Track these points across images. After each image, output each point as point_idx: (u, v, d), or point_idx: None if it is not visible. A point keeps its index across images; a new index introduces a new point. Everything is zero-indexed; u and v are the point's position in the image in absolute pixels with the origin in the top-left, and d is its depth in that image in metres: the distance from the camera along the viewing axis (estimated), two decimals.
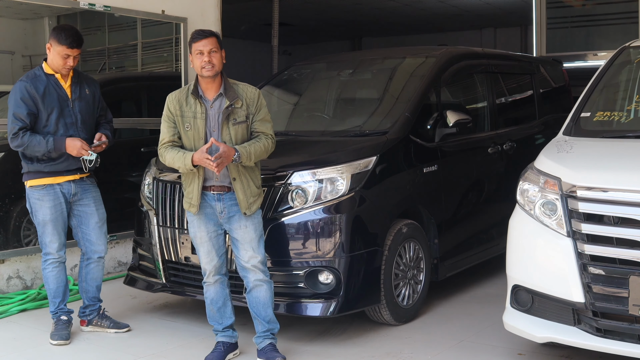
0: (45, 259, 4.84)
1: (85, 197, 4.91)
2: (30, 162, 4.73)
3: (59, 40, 4.65)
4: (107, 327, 5.03)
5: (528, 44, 14.84)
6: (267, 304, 4.31)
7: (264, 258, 4.28)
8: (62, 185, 4.78)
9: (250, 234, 4.22)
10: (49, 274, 4.85)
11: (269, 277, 4.31)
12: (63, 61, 4.68)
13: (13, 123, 4.60)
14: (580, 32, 10.04)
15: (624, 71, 4.88)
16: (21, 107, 4.60)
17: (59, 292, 4.87)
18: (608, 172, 3.82)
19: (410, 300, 5.07)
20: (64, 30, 4.70)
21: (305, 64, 6.76)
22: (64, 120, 4.72)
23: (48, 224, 4.77)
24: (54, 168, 4.73)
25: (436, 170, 5.33)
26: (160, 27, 7.18)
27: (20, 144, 4.60)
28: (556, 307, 3.82)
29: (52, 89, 4.70)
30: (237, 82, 4.25)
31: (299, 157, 4.87)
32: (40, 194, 4.74)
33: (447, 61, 5.85)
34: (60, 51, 4.65)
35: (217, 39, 4.18)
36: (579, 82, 6.30)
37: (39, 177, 4.73)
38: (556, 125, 5.06)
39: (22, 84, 4.65)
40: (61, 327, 4.82)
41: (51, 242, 4.80)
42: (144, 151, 6.93)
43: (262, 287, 4.29)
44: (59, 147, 4.65)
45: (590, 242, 3.68)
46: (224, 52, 4.21)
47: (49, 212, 4.75)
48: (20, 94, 4.61)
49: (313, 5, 13.06)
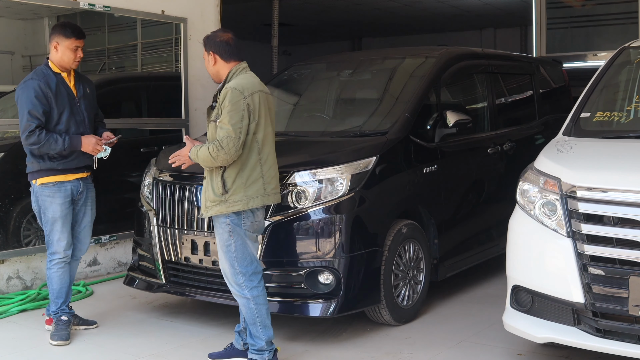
0: (52, 258, 4.83)
1: (87, 197, 4.96)
2: (42, 160, 4.74)
3: (66, 34, 4.74)
4: (77, 324, 5.03)
5: (528, 44, 14.83)
6: (249, 319, 4.13)
7: (231, 272, 4.09)
8: (72, 183, 4.82)
9: (217, 241, 4.15)
10: (54, 274, 4.84)
11: (245, 293, 4.08)
12: (74, 54, 4.77)
13: (29, 121, 4.59)
14: (580, 32, 10.03)
15: (623, 71, 4.88)
16: (37, 106, 4.62)
17: (62, 292, 4.87)
18: (608, 173, 3.82)
19: (410, 301, 5.07)
20: (67, 25, 4.81)
21: (305, 64, 6.76)
22: (74, 119, 4.79)
23: (58, 221, 4.78)
24: (67, 165, 4.77)
25: (436, 170, 5.33)
26: (160, 27, 7.18)
27: (37, 141, 4.61)
28: (556, 308, 3.82)
29: (62, 88, 4.76)
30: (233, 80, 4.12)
31: (299, 157, 4.87)
32: (51, 190, 4.76)
33: (447, 61, 5.85)
34: (69, 45, 4.74)
35: (204, 45, 4.21)
36: (579, 82, 6.30)
37: (51, 175, 4.75)
38: (556, 125, 5.06)
39: (34, 82, 4.66)
40: (61, 328, 4.82)
41: (60, 240, 4.80)
42: (143, 151, 6.94)
43: (239, 300, 4.16)
44: (75, 145, 4.72)
45: (590, 242, 3.68)
46: (210, 54, 4.17)
47: (59, 209, 4.77)
48: (35, 92, 4.63)
49: (313, 6, 13.05)
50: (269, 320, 4.16)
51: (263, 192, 4.06)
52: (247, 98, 3.98)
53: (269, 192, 4.10)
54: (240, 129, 3.93)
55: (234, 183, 4.01)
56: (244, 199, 4.01)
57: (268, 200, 4.11)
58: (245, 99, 3.97)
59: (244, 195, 4.01)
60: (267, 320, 4.14)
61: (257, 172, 4.05)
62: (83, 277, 6.42)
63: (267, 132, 4.10)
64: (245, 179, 4.02)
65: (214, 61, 4.17)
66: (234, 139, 3.91)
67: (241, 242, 4.07)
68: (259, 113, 4.03)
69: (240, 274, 4.08)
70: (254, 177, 4.03)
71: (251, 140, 4.02)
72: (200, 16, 7.38)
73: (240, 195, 4.01)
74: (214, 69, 4.18)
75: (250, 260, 4.10)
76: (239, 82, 4.05)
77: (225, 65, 4.15)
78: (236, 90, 3.97)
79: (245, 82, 4.07)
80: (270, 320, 4.17)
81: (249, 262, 4.09)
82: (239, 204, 4.01)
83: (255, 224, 4.12)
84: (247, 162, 4.02)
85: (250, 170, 4.03)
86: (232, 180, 4.01)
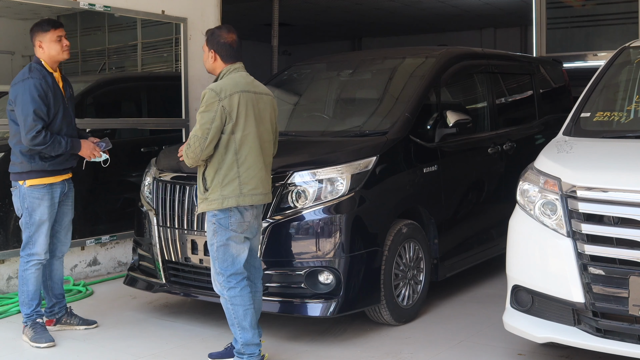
0: (29, 259, 4.73)
1: (69, 197, 4.93)
2: (33, 161, 4.65)
3: (44, 29, 4.69)
4: (76, 324, 5.02)
5: (528, 44, 14.84)
6: (228, 319, 4.12)
7: (213, 270, 4.11)
8: (60, 184, 4.79)
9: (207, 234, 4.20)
10: (31, 275, 4.74)
11: (223, 293, 4.09)
12: (59, 44, 4.70)
13: (35, 121, 4.49)
14: (580, 32, 10.03)
15: (623, 71, 4.88)
16: (41, 105, 4.54)
17: (37, 294, 4.79)
18: (608, 172, 3.82)
19: (410, 301, 5.07)
20: (42, 21, 4.77)
21: (305, 64, 6.76)
22: (66, 120, 4.74)
23: (45, 224, 4.73)
24: (56, 167, 4.72)
25: (436, 170, 5.33)
26: (160, 27, 7.18)
27: (42, 142, 4.52)
28: (556, 308, 3.82)
29: (56, 88, 4.71)
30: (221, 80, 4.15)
31: (299, 157, 4.87)
32: (40, 193, 4.70)
33: (447, 61, 5.85)
34: (51, 37, 4.67)
35: (206, 40, 4.25)
36: (579, 82, 6.30)
37: (41, 177, 4.68)
38: (556, 125, 5.06)
39: (35, 81, 4.57)
40: (41, 330, 4.76)
41: (43, 242, 4.74)
42: (144, 151, 6.94)
43: (220, 298, 4.16)
44: (75, 148, 4.69)
45: (590, 242, 3.68)
46: (211, 51, 4.20)
47: (47, 211, 4.73)
48: (37, 91, 4.54)
49: (313, 5, 13.06)
50: (248, 323, 4.06)
51: (239, 193, 4.02)
52: (223, 100, 3.97)
53: (245, 193, 4.03)
54: (207, 130, 3.95)
55: (212, 182, 4.05)
56: (219, 198, 4.02)
57: (244, 201, 4.03)
58: (221, 101, 3.97)
59: (219, 194, 4.02)
60: (244, 322, 4.06)
61: (234, 172, 4.02)
62: (83, 277, 6.43)
63: (248, 133, 4.05)
64: (222, 178, 4.02)
65: (214, 59, 4.19)
66: (200, 138, 3.95)
67: (223, 243, 4.05)
68: (237, 113, 4.01)
69: (219, 274, 4.09)
70: (230, 177, 4.02)
71: (227, 140, 4.01)
72: (200, 16, 7.38)
73: (216, 194, 4.03)
74: (212, 65, 4.22)
75: (231, 262, 4.06)
76: (221, 82, 4.08)
77: (222, 65, 4.19)
78: (212, 92, 4.00)
79: (228, 82, 4.07)
80: (250, 323, 4.07)
81: (229, 264, 4.06)
82: (215, 203, 4.03)
83: (244, 224, 4.07)
84: (224, 162, 4.03)
85: (227, 170, 4.02)
86: (211, 179, 4.05)
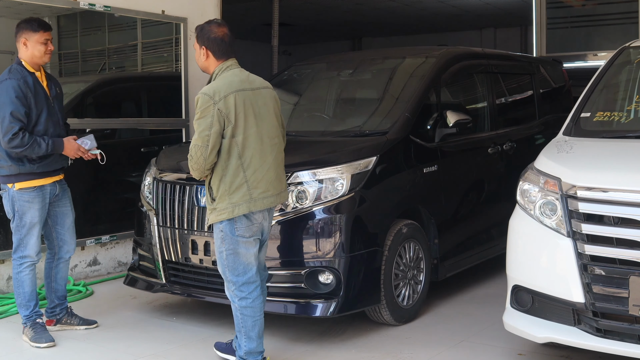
0: (22, 262, 4.72)
1: (63, 197, 4.90)
2: (21, 164, 4.59)
3: (34, 28, 4.65)
4: (77, 324, 5.02)
5: (528, 44, 14.84)
6: (235, 325, 4.06)
7: (224, 278, 4.02)
8: (50, 186, 4.75)
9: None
10: (25, 277, 4.73)
11: (234, 301, 4.01)
12: (44, 47, 4.67)
13: (12, 122, 4.44)
14: (580, 32, 10.03)
15: (624, 71, 4.88)
16: (19, 106, 4.47)
17: (33, 295, 4.79)
18: (608, 173, 3.82)
19: (410, 301, 5.07)
20: (33, 20, 4.72)
21: (305, 64, 6.76)
22: (51, 119, 4.68)
23: (36, 226, 4.70)
24: (45, 168, 4.67)
25: (436, 170, 5.33)
26: (160, 27, 7.19)
27: (20, 144, 4.45)
28: (556, 308, 3.82)
29: (38, 87, 4.64)
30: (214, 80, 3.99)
31: (299, 157, 4.87)
32: (30, 196, 4.65)
33: (447, 61, 5.85)
34: (38, 39, 4.65)
35: (196, 37, 4.06)
36: (579, 82, 6.31)
37: (30, 179, 4.64)
38: (556, 125, 5.06)
39: (13, 82, 4.51)
40: (41, 330, 4.76)
41: (35, 244, 4.72)
42: (144, 151, 6.93)
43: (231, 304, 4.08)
44: (57, 148, 4.63)
45: (590, 242, 3.68)
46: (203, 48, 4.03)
47: (37, 214, 4.69)
48: (15, 93, 4.48)
49: (313, 5, 13.06)
50: (255, 334, 4.00)
51: (249, 198, 3.86)
52: (217, 103, 3.79)
53: (255, 198, 3.87)
54: (207, 137, 3.77)
55: (218, 191, 3.88)
56: (229, 207, 3.85)
57: (255, 206, 3.88)
58: (216, 104, 3.79)
59: (228, 203, 3.85)
60: (251, 333, 3.99)
61: (241, 178, 3.85)
62: (83, 277, 6.43)
63: (249, 134, 3.87)
64: (228, 185, 3.85)
65: (206, 56, 4.02)
66: (201, 147, 3.79)
67: (232, 251, 3.92)
68: (236, 115, 3.83)
69: (230, 282, 3.99)
70: (237, 183, 3.85)
71: (229, 144, 3.83)
72: (200, 16, 7.37)
73: (225, 203, 3.86)
74: (205, 63, 4.05)
75: (242, 270, 3.95)
76: (214, 84, 3.89)
77: (215, 62, 4.02)
78: (206, 96, 3.82)
79: (222, 83, 3.89)
80: (257, 334, 4.01)
81: (240, 272, 3.95)
82: (225, 212, 3.86)
83: (253, 227, 3.93)
84: (228, 168, 3.85)
85: (233, 176, 3.85)
86: (217, 188, 3.88)
